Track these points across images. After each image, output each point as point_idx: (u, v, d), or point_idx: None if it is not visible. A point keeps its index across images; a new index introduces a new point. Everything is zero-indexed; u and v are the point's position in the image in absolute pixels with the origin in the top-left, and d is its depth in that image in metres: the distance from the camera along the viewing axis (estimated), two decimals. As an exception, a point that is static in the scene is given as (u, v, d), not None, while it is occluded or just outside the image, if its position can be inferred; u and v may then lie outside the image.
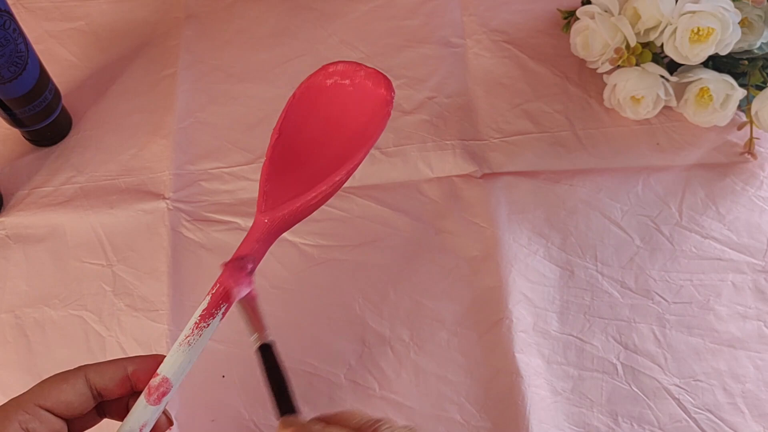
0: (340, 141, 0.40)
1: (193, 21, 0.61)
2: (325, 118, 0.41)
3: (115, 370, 0.35)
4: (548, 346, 0.47)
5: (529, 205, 0.52)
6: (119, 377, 0.35)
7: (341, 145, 0.40)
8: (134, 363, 0.36)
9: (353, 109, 0.41)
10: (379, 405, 0.45)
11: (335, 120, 0.41)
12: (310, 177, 0.39)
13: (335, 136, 0.40)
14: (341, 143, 0.40)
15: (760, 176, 0.53)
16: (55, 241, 0.51)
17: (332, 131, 0.41)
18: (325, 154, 0.40)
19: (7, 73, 0.47)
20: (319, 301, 0.49)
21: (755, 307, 0.48)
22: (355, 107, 0.41)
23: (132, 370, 0.35)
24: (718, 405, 0.45)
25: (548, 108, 0.56)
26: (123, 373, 0.35)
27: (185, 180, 0.53)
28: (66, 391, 0.33)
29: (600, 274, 0.50)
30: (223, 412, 0.45)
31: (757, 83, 0.52)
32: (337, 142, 0.40)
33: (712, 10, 0.48)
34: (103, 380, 0.34)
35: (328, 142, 0.40)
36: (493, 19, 0.61)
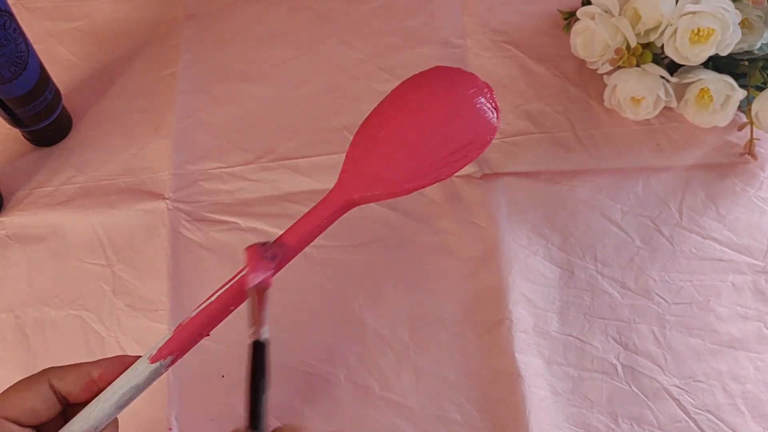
0: (435, 143, 0.40)
1: (193, 21, 0.61)
2: (433, 110, 0.41)
3: (78, 374, 0.34)
4: (548, 347, 0.47)
5: (529, 206, 0.52)
6: (83, 382, 0.34)
7: (435, 147, 0.40)
8: (99, 367, 0.35)
9: (463, 118, 0.41)
10: (379, 405, 0.45)
11: (441, 118, 0.41)
12: (396, 163, 0.39)
13: (432, 136, 0.40)
14: (435, 146, 0.40)
15: (760, 177, 0.53)
16: (55, 241, 0.51)
17: (433, 129, 0.41)
18: (416, 145, 0.40)
19: (8, 72, 0.47)
20: (318, 301, 0.49)
21: (755, 308, 0.48)
22: (466, 117, 0.41)
23: (97, 374, 0.34)
24: (718, 406, 0.45)
25: (548, 108, 0.56)
26: (87, 378, 0.34)
27: (185, 180, 0.53)
28: (30, 398, 0.33)
29: (600, 275, 0.50)
30: (222, 412, 0.45)
31: (757, 84, 0.52)
32: (432, 142, 0.40)
33: (713, 10, 0.48)
34: (67, 385, 0.34)
35: (424, 135, 0.41)
36: (493, 20, 0.61)
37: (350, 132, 0.55)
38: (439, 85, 0.42)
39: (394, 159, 0.40)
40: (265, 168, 0.53)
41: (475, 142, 0.40)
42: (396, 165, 0.40)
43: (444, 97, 0.42)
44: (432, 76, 0.43)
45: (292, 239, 0.39)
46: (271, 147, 0.54)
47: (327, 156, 0.54)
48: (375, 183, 0.39)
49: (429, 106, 0.41)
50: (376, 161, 0.40)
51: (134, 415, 0.45)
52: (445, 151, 0.40)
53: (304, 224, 0.39)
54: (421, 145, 0.40)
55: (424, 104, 0.41)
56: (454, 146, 0.40)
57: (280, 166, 0.53)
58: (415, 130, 0.41)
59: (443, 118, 0.41)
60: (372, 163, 0.40)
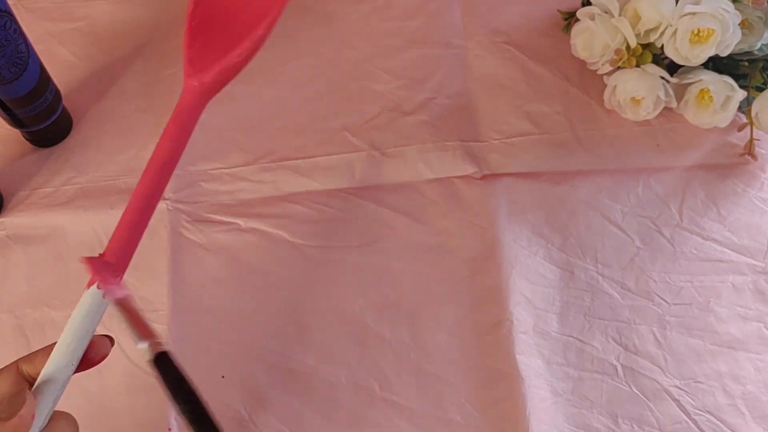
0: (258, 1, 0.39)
1: (193, 22, 0.61)
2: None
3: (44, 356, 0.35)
4: (548, 347, 0.47)
5: (529, 206, 0.52)
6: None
7: (260, 4, 0.39)
8: None
9: None
10: (380, 406, 0.45)
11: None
12: (232, 37, 0.38)
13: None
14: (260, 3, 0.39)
15: (760, 177, 0.53)
16: (56, 241, 0.51)
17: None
18: (245, 14, 0.39)
19: (8, 73, 0.47)
20: (319, 302, 0.49)
21: (755, 309, 0.48)
22: None
23: None
24: (719, 406, 0.45)
25: (548, 109, 0.56)
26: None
27: (185, 180, 0.53)
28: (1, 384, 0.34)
29: (600, 276, 0.50)
30: (223, 413, 0.45)
31: (757, 84, 0.52)
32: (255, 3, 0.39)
33: (713, 11, 0.48)
34: (36, 368, 0.35)
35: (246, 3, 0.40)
36: (493, 21, 0.61)
37: (351, 132, 0.55)
38: None
39: (227, 36, 0.39)
40: (266, 168, 0.53)
41: None
42: (230, 39, 0.38)
43: None
44: None
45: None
46: (271, 147, 0.54)
47: (327, 156, 0.54)
48: (213, 63, 0.38)
49: None
50: (212, 45, 0.39)
51: (134, 415, 0.45)
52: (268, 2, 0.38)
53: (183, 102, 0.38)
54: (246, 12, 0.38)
55: None
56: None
57: (281, 167, 0.53)
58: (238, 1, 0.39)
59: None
60: (208, 48, 0.39)
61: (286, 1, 0.38)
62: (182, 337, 0.47)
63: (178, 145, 0.39)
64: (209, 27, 0.40)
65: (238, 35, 0.38)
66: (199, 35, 0.39)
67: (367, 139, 0.55)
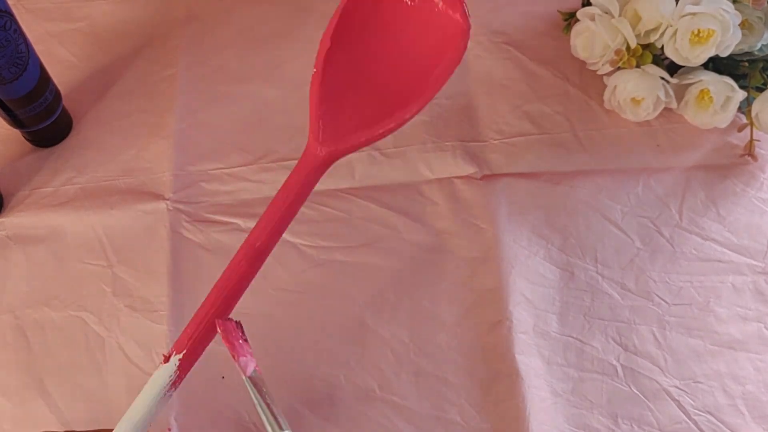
0: (404, 67, 0.35)
1: (193, 22, 0.61)
2: (385, 34, 0.36)
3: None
4: (548, 348, 0.47)
5: (529, 207, 0.52)
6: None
7: (405, 72, 0.35)
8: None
9: (420, 31, 0.36)
10: (379, 406, 0.45)
11: (397, 39, 0.36)
12: (373, 109, 0.35)
13: (397, 60, 0.36)
14: (405, 70, 0.35)
15: (760, 178, 0.53)
16: (56, 241, 0.51)
17: (393, 52, 0.36)
18: (385, 79, 0.36)
19: (8, 73, 0.47)
20: (318, 302, 0.49)
21: (755, 309, 0.48)
22: (423, 28, 0.35)
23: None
24: (718, 407, 0.45)
25: (548, 109, 0.56)
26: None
27: (185, 181, 0.53)
28: None
29: (600, 276, 0.50)
30: (223, 414, 0.45)
31: (757, 85, 0.52)
32: (399, 68, 0.36)
33: (713, 11, 0.48)
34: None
35: (388, 64, 0.36)
36: (493, 21, 0.61)
37: (350, 133, 0.55)
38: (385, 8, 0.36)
39: (363, 103, 0.35)
40: (266, 169, 0.53)
41: (445, 50, 0.34)
42: (366, 109, 0.35)
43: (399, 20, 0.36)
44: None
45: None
46: (271, 148, 0.54)
47: (327, 157, 0.54)
48: (347, 135, 0.35)
49: (382, 32, 0.36)
50: (344, 110, 0.36)
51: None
52: (417, 81, 0.34)
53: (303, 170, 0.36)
54: (381, 68, 0.35)
55: (370, 22, 0.36)
56: (416, 60, 0.35)
57: (281, 167, 0.53)
58: (375, 65, 0.36)
59: (395, 33, 0.35)
60: (340, 113, 0.36)
61: (443, 81, 0.35)
62: (182, 338, 0.47)
63: (290, 211, 0.37)
64: (342, 82, 0.36)
65: (381, 109, 0.35)
66: (333, 99, 0.36)
67: (367, 139, 0.55)
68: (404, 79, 0.36)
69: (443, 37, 0.35)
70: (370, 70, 0.36)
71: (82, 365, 0.47)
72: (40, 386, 0.46)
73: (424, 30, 0.36)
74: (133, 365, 0.46)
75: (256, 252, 0.37)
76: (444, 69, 0.35)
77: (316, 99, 0.36)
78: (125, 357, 0.47)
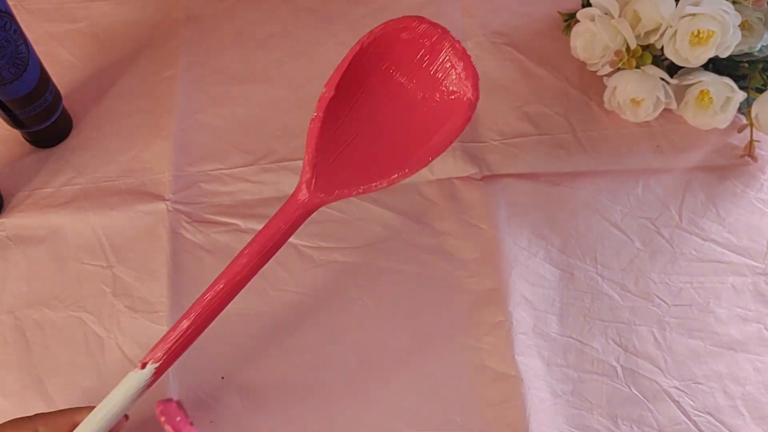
0: (405, 128, 0.35)
1: (193, 23, 0.61)
2: (391, 93, 0.36)
3: (64, 421, 0.37)
4: (548, 349, 0.47)
5: (529, 208, 0.52)
6: (68, 428, 0.37)
7: (405, 134, 0.35)
8: (83, 413, 0.37)
9: (428, 97, 0.35)
10: (379, 407, 0.45)
11: (402, 100, 0.36)
12: (364, 159, 0.35)
13: (399, 120, 0.36)
14: (405, 131, 0.35)
15: (760, 179, 0.53)
16: (55, 242, 0.51)
17: (396, 112, 0.36)
18: (384, 137, 0.36)
19: (8, 74, 0.48)
20: (318, 303, 0.49)
21: (755, 310, 0.48)
22: (431, 95, 0.35)
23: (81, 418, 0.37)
24: (718, 408, 0.45)
25: (548, 110, 0.56)
26: (72, 424, 0.37)
27: (185, 181, 0.53)
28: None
29: (600, 277, 0.50)
30: (222, 414, 0.45)
31: (757, 86, 0.52)
32: (400, 128, 0.35)
33: (713, 12, 0.48)
34: (52, 430, 0.36)
35: (389, 123, 0.36)
36: (493, 22, 0.61)
37: (350, 134, 0.55)
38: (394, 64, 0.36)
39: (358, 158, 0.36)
40: (266, 169, 0.53)
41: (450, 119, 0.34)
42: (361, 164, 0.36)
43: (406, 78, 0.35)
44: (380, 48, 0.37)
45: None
46: (271, 148, 0.54)
47: (327, 157, 0.54)
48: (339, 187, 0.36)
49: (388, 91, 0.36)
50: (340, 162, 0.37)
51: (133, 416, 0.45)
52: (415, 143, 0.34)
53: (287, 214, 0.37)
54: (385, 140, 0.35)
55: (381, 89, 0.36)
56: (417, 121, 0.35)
57: (281, 168, 0.53)
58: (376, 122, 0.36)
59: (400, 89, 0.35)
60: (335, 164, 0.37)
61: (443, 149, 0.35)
62: (182, 338, 0.47)
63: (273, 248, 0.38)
64: (344, 143, 0.37)
65: (375, 167, 0.35)
66: (330, 149, 0.37)
67: (367, 140, 0.55)
68: (403, 141, 0.36)
69: (450, 107, 0.35)
70: (371, 126, 0.36)
71: (82, 365, 0.47)
72: (40, 386, 0.46)
73: (433, 97, 0.35)
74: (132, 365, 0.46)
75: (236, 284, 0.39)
76: (445, 137, 0.35)
77: (314, 145, 0.36)
78: (125, 357, 0.47)
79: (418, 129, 0.36)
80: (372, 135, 0.37)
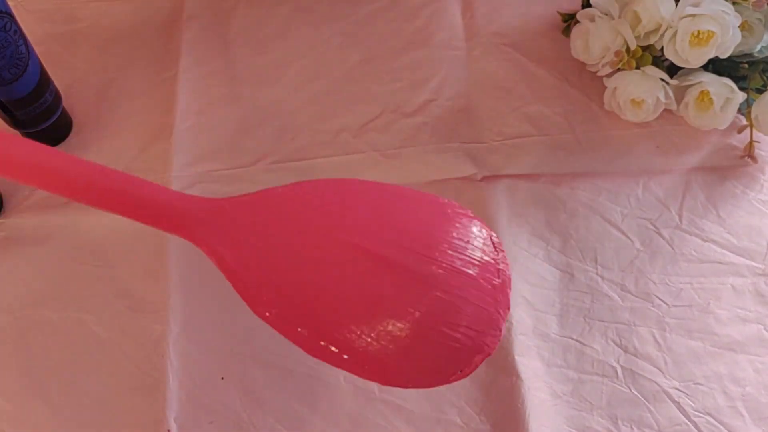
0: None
1: (194, 23, 0.61)
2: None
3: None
4: (548, 349, 0.47)
5: (529, 208, 0.52)
6: None
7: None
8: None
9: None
10: (379, 407, 0.45)
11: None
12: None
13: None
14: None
15: (760, 179, 0.53)
16: (55, 242, 0.51)
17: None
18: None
19: (8, 74, 0.48)
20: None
21: (755, 311, 0.48)
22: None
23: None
24: (718, 408, 0.45)
25: (548, 111, 0.56)
26: None
27: (186, 182, 0.53)
28: None
29: (600, 277, 0.50)
30: (222, 414, 0.45)
31: (757, 86, 0.52)
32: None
33: (713, 13, 0.48)
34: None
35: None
36: (493, 22, 0.61)
37: (351, 134, 0.55)
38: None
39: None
40: (266, 170, 0.53)
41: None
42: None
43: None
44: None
45: None
46: (272, 149, 0.54)
47: (328, 158, 0.54)
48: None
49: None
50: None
51: (133, 416, 0.45)
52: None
53: None
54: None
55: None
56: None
57: (281, 168, 0.53)
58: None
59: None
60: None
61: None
62: (182, 338, 0.47)
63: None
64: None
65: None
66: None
67: (367, 140, 0.55)
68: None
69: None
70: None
71: (82, 366, 0.47)
72: (40, 387, 0.46)
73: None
74: (133, 366, 0.46)
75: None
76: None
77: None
78: (125, 357, 0.47)
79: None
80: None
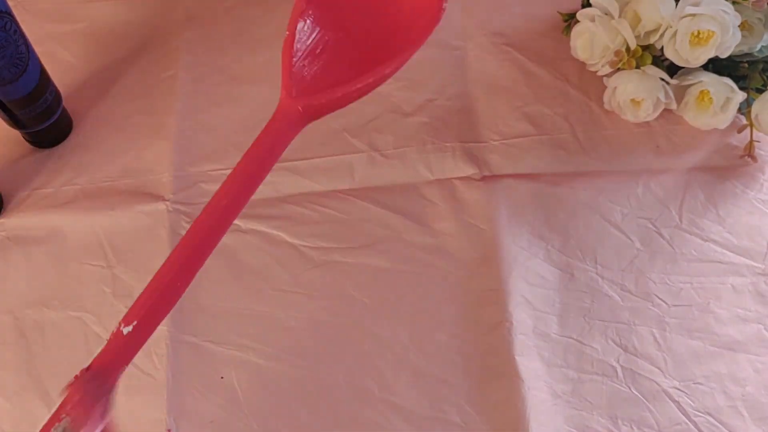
0: (384, 23, 0.34)
1: (193, 23, 0.61)
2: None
3: None
4: (548, 349, 0.47)
5: (529, 208, 0.52)
6: None
7: (385, 28, 0.34)
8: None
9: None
10: (378, 407, 0.45)
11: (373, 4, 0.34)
12: (346, 61, 0.33)
13: (376, 16, 0.34)
14: (385, 26, 0.34)
15: (760, 179, 0.53)
16: (55, 242, 0.51)
17: (372, 8, 0.34)
18: (364, 35, 0.34)
19: (8, 74, 0.48)
20: (318, 303, 0.49)
21: (755, 310, 0.48)
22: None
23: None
24: (718, 408, 0.45)
25: (548, 111, 0.56)
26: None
27: (185, 182, 0.53)
28: None
29: (600, 277, 0.50)
30: (221, 414, 0.45)
31: (757, 86, 0.52)
32: (379, 24, 0.34)
33: (713, 13, 0.48)
34: None
35: (366, 20, 0.34)
36: (493, 22, 0.61)
37: (351, 134, 0.55)
38: None
39: (340, 61, 0.34)
40: (265, 170, 0.53)
41: (430, 10, 0.33)
42: (344, 66, 0.33)
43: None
44: None
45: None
46: (271, 149, 0.54)
47: (327, 158, 0.54)
48: (323, 90, 0.33)
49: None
50: (320, 68, 0.34)
51: (133, 417, 0.45)
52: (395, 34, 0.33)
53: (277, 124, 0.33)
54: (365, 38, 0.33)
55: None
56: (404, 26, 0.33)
57: (280, 168, 0.53)
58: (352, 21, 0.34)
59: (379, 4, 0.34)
60: (315, 71, 0.34)
61: (425, 37, 0.33)
62: (181, 338, 0.47)
63: (260, 171, 0.34)
64: (321, 49, 0.35)
65: (360, 65, 0.33)
66: (308, 57, 0.34)
67: (367, 140, 0.55)
68: (384, 36, 0.34)
69: (423, 5, 0.34)
70: (347, 27, 0.35)
71: (82, 366, 0.47)
72: (40, 387, 0.46)
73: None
74: (132, 366, 0.46)
75: (223, 211, 0.33)
76: (426, 24, 0.34)
77: (288, 58, 0.34)
78: (125, 358, 0.47)
79: (399, 23, 0.34)
80: (351, 37, 0.35)
